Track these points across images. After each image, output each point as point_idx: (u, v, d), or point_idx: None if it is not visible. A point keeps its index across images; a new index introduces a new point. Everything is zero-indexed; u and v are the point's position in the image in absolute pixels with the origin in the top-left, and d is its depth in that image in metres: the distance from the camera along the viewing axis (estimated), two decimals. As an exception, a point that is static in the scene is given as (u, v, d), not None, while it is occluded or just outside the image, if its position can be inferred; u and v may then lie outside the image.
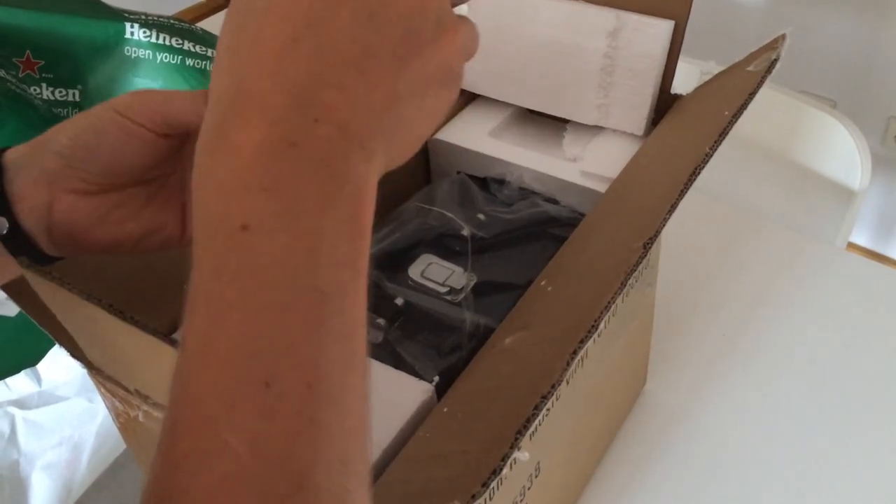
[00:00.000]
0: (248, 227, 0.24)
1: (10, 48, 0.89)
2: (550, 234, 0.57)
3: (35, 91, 0.93)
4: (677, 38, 0.57)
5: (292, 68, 0.25)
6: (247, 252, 0.24)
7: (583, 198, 0.59)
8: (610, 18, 0.57)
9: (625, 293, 0.40)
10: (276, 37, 0.26)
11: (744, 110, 0.48)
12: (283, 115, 0.25)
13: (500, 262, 0.55)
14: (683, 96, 0.59)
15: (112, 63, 0.96)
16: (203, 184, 0.25)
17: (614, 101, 0.59)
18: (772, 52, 0.51)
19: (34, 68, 0.93)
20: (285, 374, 0.23)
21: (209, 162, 0.25)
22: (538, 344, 0.39)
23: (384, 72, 0.27)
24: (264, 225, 0.24)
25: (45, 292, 0.39)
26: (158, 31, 0.95)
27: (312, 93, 0.25)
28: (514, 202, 0.60)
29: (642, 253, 0.40)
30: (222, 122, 0.26)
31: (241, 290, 0.23)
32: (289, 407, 0.23)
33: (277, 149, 0.25)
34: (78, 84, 0.95)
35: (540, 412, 0.33)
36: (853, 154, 0.97)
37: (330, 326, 0.24)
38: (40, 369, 0.80)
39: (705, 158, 0.44)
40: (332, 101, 0.25)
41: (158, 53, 0.96)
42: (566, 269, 0.45)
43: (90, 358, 0.43)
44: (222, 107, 0.26)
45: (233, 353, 0.23)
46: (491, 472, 0.31)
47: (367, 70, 0.26)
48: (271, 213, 0.24)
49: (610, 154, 0.59)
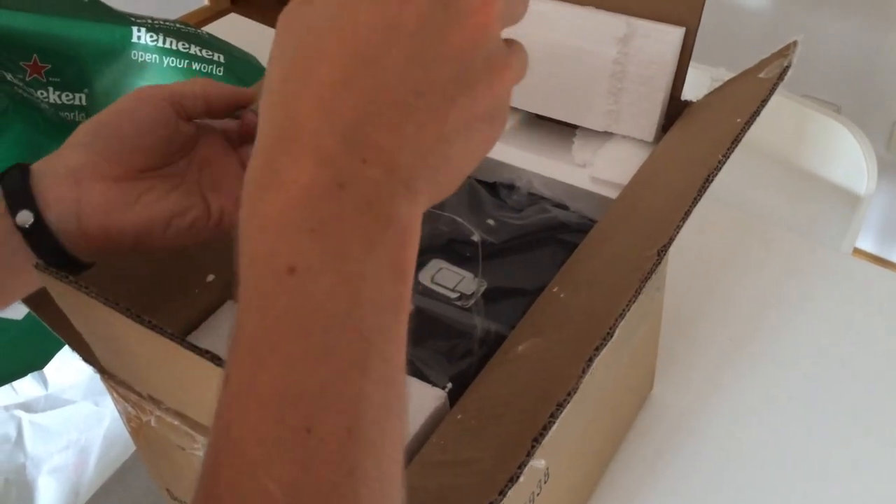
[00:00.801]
0: (295, 269, 0.24)
1: (16, 52, 0.89)
2: (560, 240, 0.57)
3: (42, 95, 0.93)
4: (688, 44, 0.57)
5: (342, 107, 0.25)
6: (292, 295, 0.24)
7: (593, 203, 0.59)
8: (620, 25, 0.57)
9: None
10: (326, 75, 0.26)
11: (756, 117, 0.48)
12: (333, 156, 0.25)
13: (510, 268, 0.55)
14: (693, 103, 0.59)
15: (119, 67, 0.96)
16: (251, 218, 0.25)
17: (624, 108, 0.59)
18: (783, 58, 0.51)
19: (41, 72, 0.94)
20: (326, 421, 0.23)
21: (257, 197, 0.25)
22: (552, 350, 0.39)
23: (433, 112, 0.26)
24: (310, 268, 0.24)
25: (60, 295, 0.39)
26: (165, 35, 0.95)
27: (361, 133, 0.25)
28: (523, 207, 0.60)
29: (656, 260, 0.40)
30: (272, 158, 0.26)
31: (286, 333, 0.23)
32: (329, 455, 0.23)
33: (326, 189, 0.25)
34: (84, 88, 0.95)
35: (556, 419, 0.33)
36: (859, 159, 0.97)
37: (371, 372, 0.24)
38: (47, 372, 0.80)
39: (718, 165, 0.44)
40: (381, 142, 0.25)
41: (165, 57, 0.96)
42: (578, 275, 0.45)
43: (103, 362, 0.43)
44: (272, 141, 0.26)
45: (275, 397, 0.23)
46: (508, 480, 0.31)
47: (417, 110, 0.26)
48: (318, 255, 0.24)
49: (620, 160, 0.59)
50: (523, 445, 0.32)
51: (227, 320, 0.51)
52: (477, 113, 0.28)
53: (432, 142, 0.26)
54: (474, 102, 0.27)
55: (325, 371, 0.23)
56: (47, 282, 0.38)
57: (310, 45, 0.26)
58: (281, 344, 0.23)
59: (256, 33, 1.26)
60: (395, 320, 0.25)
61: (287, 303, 0.24)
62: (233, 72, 0.99)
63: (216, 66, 0.99)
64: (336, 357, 0.24)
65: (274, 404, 0.23)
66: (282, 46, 0.27)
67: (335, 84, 0.25)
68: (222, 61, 0.99)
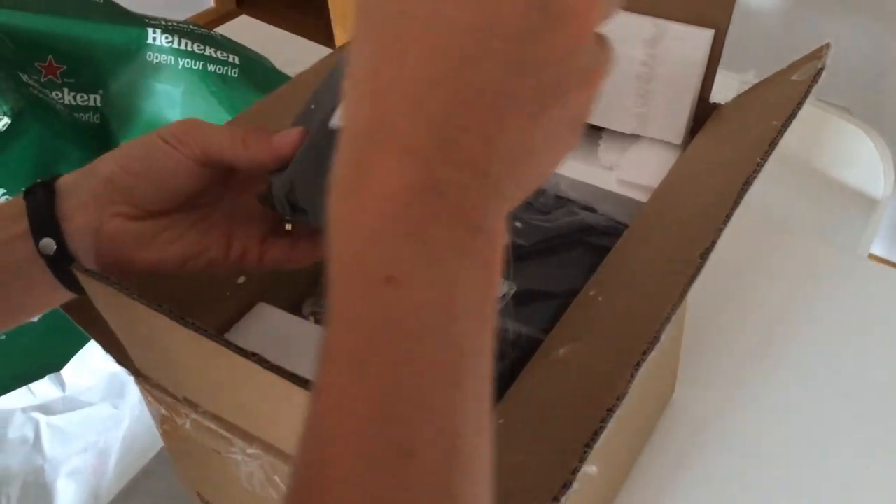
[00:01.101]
0: (392, 278, 0.23)
1: (32, 53, 0.89)
2: (588, 243, 0.57)
3: (57, 96, 0.93)
4: (717, 46, 0.57)
5: (435, 108, 0.24)
6: (389, 307, 0.23)
7: (620, 206, 0.59)
8: (648, 27, 0.57)
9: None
10: (420, 72, 0.24)
11: (792, 120, 0.48)
12: (426, 159, 0.24)
13: (538, 271, 0.55)
14: (722, 105, 0.58)
15: (134, 68, 0.96)
16: (340, 220, 0.24)
17: (652, 110, 0.59)
18: (816, 61, 0.51)
19: (56, 73, 0.94)
20: (426, 442, 0.22)
21: (348, 202, 0.24)
22: (595, 355, 0.39)
23: (526, 120, 0.25)
24: (407, 277, 0.23)
25: (100, 297, 0.39)
26: (181, 37, 0.95)
27: (454, 137, 0.24)
28: (550, 210, 0.60)
29: (699, 264, 0.39)
30: (362, 160, 0.25)
31: (381, 347, 0.23)
32: (429, 478, 0.22)
33: (419, 194, 0.24)
34: (99, 89, 0.95)
35: (607, 425, 0.33)
36: (875, 162, 0.97)
37: (465, 387, 0.24)
38: (64, 374, 0.80)
39: (757, 169, 0.44)
40: (474, 147, 0.24)
41: (181, 59, 0.96)
42: (615, 278, 0.45)
43: (138, 364, 0.43)
44: (361, 142, 0.25)
45: (373, 414, 0.22)
46: (562, 486, 0.31)
47: (510, 116, 0.25)
48: (413, 263, 0.23)
49: (648, 163, 0.59)
50: (575, 451, 0.32)
51: (258, 323, 0.50)
52: (566, 120, 0.27)
53: (522, 148, 0.25)
54: (565, 110, 0.26)
55: (423, 387, 0.23)
56: (88, 283, 0.37)
57: (401, 36, 0.25)
58: (377, 358, 0.23)
59: (268, 35, 1.25)
60: (485, 334, 0.25)
61: (384, 315, 0.23)
62: (247, 74, 0.99)
63: (231, 68, 0.98)
64: (433, 371, 0.23)
65: (373, 423, 0.22)
66: (369, 28, 0.26)
67: (429, 82, 0.24)
68: (237, 63, 0.99)
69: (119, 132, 0.97)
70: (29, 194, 0.41)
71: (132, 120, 0.98)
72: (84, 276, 0.37)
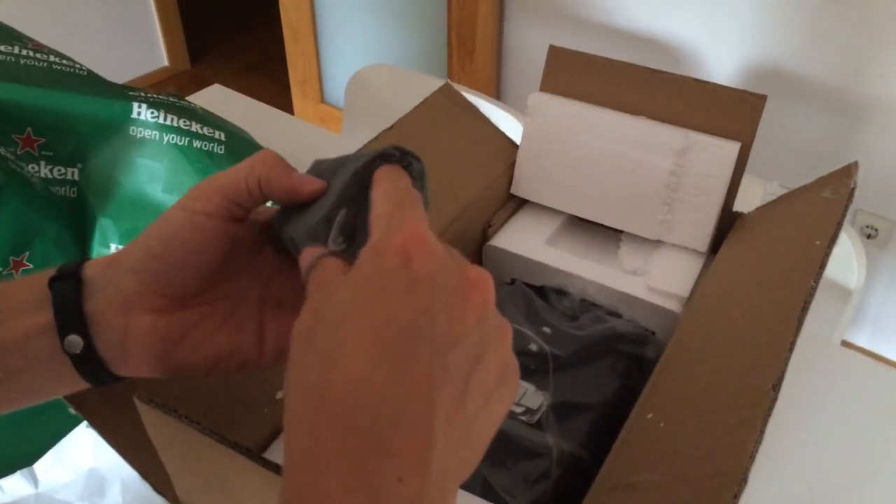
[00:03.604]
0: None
1: (10, 125, 0.86)
2: (619, 351, 0.56)
3: (33, 169, 0.90)
4: (743, 158, 0.58)
5: (364, 420, 0.26)
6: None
7: (649, 313, 0.58)
8: (679, 137, 0.58)
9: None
10: (343, 388, 0.26)
11: (836, 240, 0.48)
12: (367, 475, 0.25)
13: (573, 381, 0.54)
14: (746, 215, 0.59)
15: (116, 142, 0.93)
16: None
17: (678, 217, 0.60)
18: (848, 178, 0.53)
19: (34, 146, 0.91)
20: None
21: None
22: (671, 488, 0.38)
23: (456, 399, 0.27)
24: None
25: (157, 426, 0.36)
26: (166, 112, 0.93)
27: (389, 443, 0.25)
28: (576, 313, 0.59)
29: (773, 396, 0.39)
30: (302, 484, 0.26)
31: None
32: None
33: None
34: (78, 163, 0.92)
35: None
36: (849, 252, 1.00)
37: None
38: (37, 469, 0.75)
39: (811, 291, 0.45)
40: (411, 449, 0.26)
41: (165, 134, 0.94)
42: (674, 402, 0.44)
43: (183, 496, 0.40)
44: (298, 464, 0.26)
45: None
46: None
47: (440, 404, 0.27)
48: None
49: (676, 270, 0.59)
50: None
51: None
52: (491, 381, 0.29)
53: (459, 430, 0.27)
54: (488, 372, 0.29)
55: None
56: (147, 413, 0.35)
57: (319, 362, 0.27)
58: None
59: (241, 105, 1.24)
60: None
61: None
62: (233, 151, 0.97)
63: (217, 145, 0.97)
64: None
65: None
66: (296, 361, 0.28)
67: (353, 395, 0.26)
68: (223, 139, 0.97)
69: (97, 207, 0.94)
70: (55, 282, 0.37)
71: (111, 194, 0.95)
72: (143, 404, 0.34)
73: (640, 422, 0.44)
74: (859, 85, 1.49)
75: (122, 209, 0.95)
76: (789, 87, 1.56)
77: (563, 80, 0.62)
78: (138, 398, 0.35)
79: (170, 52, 2.68)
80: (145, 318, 0.38)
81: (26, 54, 0.94)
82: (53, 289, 0.37)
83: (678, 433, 0.42)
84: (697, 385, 0.44)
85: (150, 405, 0.34)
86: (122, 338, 0.38)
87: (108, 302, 0.38)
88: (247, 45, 3.07)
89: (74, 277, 0.38)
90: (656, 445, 0.42)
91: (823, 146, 1.58)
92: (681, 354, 0.48)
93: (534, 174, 0.64)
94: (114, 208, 0.95)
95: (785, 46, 1.52)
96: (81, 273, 0.38)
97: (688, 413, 0.43)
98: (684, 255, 0.60)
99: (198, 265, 0.39)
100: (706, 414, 0.42)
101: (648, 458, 0.41)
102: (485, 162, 0.64)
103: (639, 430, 0.44)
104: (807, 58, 1.51)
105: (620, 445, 0.44)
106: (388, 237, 0.30)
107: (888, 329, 1.71)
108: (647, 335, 0.58)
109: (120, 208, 0.95)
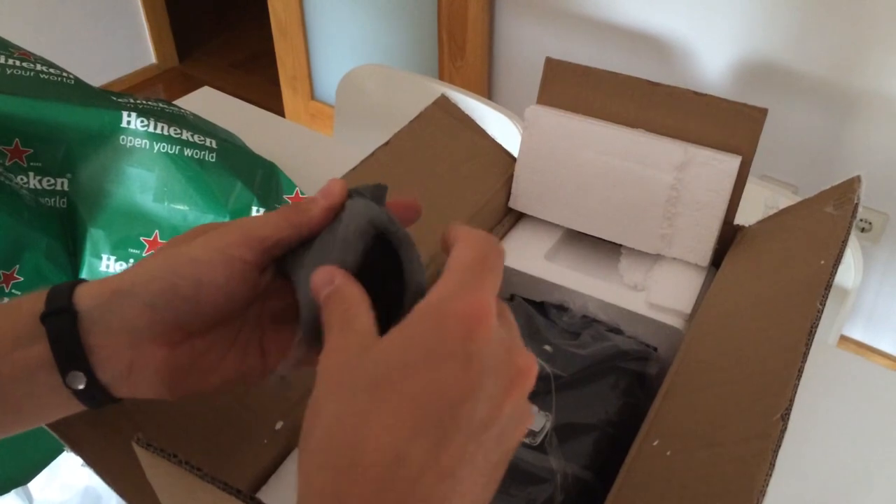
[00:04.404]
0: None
1: (-2, 136, 0.85)
2: (621, 368, 0.56)
3: (21, 180, 0.88)
4: (743, 172, 0.57)
5: (396, 498, 0.26)
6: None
7: (650, 329, 0.58)
8: (678, 152, 0.57)
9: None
10: (378, 459, 0.26)
11: (841, 259, 0.48)
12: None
13: (575, 402, 0.54)
14: (747, 228, 0.59)
15: (106, 152, 0.92)
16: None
17: (678, 232, 0.59)
18: (851, 193, 0.52)
19: (22, 157, 0.89)
20: None
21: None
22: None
23: (476, 471, 0.27)
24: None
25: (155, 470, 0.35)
26: (156, 120, 0.92)
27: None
28: (576, 330, 0.59)
29: (783, 427, 0.39)
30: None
31: None
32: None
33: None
34: (67, 173, 0.91)
35: None
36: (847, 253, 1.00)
37: None
38: (32, 488, 0.75)
39: (818, 315, 0.44)
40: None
41: (156, 143, 0.93)
42: (680, 429, 0.44)
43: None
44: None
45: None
46: None
47: (463, 479, 0.27)
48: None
49: (677, 285, 0.58)
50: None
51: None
52: (506, 450, 0.29)
53: (476, 493, 0.28)
54: (507, 446, 0.29)
55: None
56: (146, 458, 0.34)
57: (352, 415, 0.27)
58: None
59: (232, 108, 1.22)
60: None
61: None
62: (224, 158, 0.96)
63: (208, 153, 0.95)
64: None
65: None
66: (322, 404, 0.29)
67: (389, 465, 0.26)
68: (214, 147, 0.96)
69: (88, 218, 0.92)
70: (49, 318, 0.36)
71: (102, 205, 0.93)
72: (142, 449, 0.34)
73: (646, 449, 0.44)
74: (852, 79, 1.48)
75: (112, 219, 0.94)
76: (783, 82, 1.55)
77: (561, 93, 0.61)
78: (136, 442, 0.34)
79: (157, 50, 2.65)
80: (155, 352, 0.37)
81: (12, 63, 0.92)
82: (48, 324, 0.36)
83: (686, 465, 0.41)
84: (704, 412, 0.44)
85: (148, 450, 0.33)
86: (127, 369, 0.37)
87: (110, 334, 0.37)
88: (235, 41, 3.04)
89: (69, 314, 0.37)
90: (664, 476, 0.41)
91: (817, 140, 1.58)
92: (686, 378, 0.47)
93: (532, 188, 0.63)
94: (105, 219, 0.93)
95: (779, 41, 1.52)
96: (75, 305, 0.37)
97: (695, 444, 0.42)
98: (685, 270, 0.60)
99: (226, 307, 0.38)
100: (715, 446, 0.41)
101: (656, 490, 0.41)
102: (482, 176, 0.63)
103: (645, 457, 0.43)
104: (800, 52, 1.51)
105: (627, 473, 0.43)
106: (456, 299, 0.29)
107: (882, 322, 1.71)
108: (649, 351, 0.57)
109: (111, 218, 0.94)
